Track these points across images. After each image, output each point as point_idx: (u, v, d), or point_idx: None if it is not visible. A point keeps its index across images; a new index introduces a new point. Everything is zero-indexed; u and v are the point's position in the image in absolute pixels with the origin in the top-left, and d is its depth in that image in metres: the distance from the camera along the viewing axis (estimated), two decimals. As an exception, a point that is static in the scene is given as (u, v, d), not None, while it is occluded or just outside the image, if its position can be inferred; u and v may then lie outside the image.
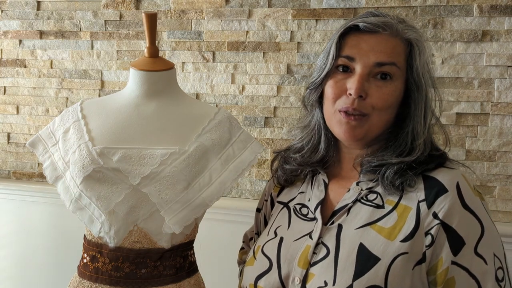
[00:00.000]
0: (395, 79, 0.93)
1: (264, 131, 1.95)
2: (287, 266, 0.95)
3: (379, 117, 0.94)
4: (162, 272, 1.14)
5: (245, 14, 1.92)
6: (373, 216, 0.92)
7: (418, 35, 0.97)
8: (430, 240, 0.87)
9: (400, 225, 0.89)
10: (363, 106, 0.93)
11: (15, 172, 2.26)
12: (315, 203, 1.00)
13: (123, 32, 2.07)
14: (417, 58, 0.94)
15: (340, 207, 0.96)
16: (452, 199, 0.88)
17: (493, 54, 1.70)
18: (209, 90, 1.99)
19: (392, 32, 0.94)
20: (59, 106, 2.17)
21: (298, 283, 0.92)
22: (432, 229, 0.87)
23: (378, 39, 0.93)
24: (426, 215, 0.88)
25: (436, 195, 0.89)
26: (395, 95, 0.94)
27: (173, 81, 1.23)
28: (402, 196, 0.92)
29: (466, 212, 0.88)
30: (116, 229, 1.11)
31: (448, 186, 0.89)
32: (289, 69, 1.90)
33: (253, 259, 1.03)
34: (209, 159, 1.15)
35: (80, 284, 1.16)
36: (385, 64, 0.92)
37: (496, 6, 1.69)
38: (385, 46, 0.93)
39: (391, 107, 0.95)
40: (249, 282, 1.01)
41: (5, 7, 2.19)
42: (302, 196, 1.06)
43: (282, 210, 1.08)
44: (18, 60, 2.20)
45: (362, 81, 0.92)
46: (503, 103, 1.71)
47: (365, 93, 0.92)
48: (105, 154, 1.11)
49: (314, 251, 0.93)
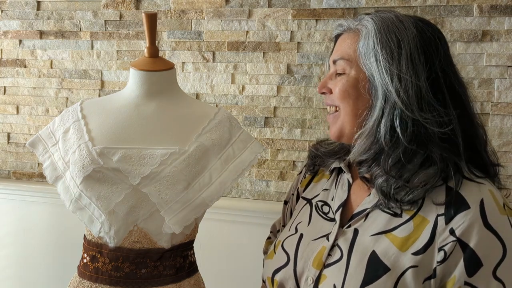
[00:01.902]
0: (349, 71, 0.95)
1: (264, 131, 1.95)
2: (302, 265, 0.96)
3: (343, 110, 0.96)
4: (162, 272, 1.14)
5: (245, 14, 1.92)
6: (389, 224, 0.90)
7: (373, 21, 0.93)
8: (442, 256, 0.84)
9: (414, 237, 0.87)
10: (332, 99, 0.99)
11: (15, 172, 2.26)
12: (337, 204, 1.00)
13: (123, 32, 2.07)
14: (360, 44, 0.94)
15: (359, 211, 0.95)
16: (473, 217, 0.83)
17: (493, 54, 1.70)
18: (209, 90, 1.99)
19: (348, 30, 0.99)
20: (59, 106, 2.17)
21: (311, 283, 0.93)
22: (447, 245, 0.83)
23: (340, 40, 1.00)
24: (442, 230, 0.85)
25: (456, 211, 0.85)
26: (348, 85, 0.95)
27: (173, 81, 1.24)
28: (422, 206, 0.88)
29: (488, 231, 0.83)
30: (116, 229, 1.11)
31: (471, 202, 0.85)
32: (289, 69, 1.90)
33: (273, 253, 1.05)
34: (209, 159, 1.15)
35: (80, 284, 1.16)
36: (335, 60, 0.98)
37: (496, 6, 1.69)
38: (340, 44, 0.99)
39: (350, 98, 0.95)
40: (267, 275, 1.04)
41: (5, 7, 2.19)
42: (325, 193, 1.07)
43: (305, 206, 1.10)
44: (18, 60, 2.20)
45: (325, 79, 1.00)
46: (503, 103, 1.71)
47: (328, 89, 0.99)
48: (105, 154, 1.11)
49: (329, 253, 0.93)
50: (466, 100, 0.94)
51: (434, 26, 0.95)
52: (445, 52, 0.93)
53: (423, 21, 0.95)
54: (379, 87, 0.90)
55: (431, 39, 0.92)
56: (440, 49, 0.92)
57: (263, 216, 1.84)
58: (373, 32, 0.92)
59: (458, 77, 0.94)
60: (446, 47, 0.95)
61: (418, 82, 0.88)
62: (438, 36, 0.93)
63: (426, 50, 0.91)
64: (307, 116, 1.90)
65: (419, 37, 0.91)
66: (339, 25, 1.01)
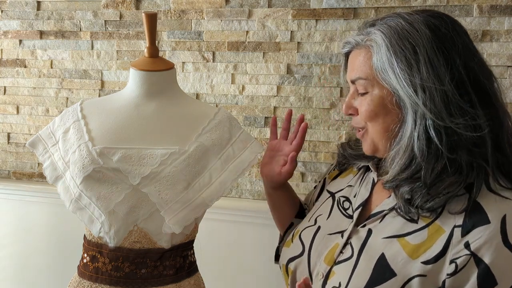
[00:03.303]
0: (371, 90, 0.91)
1: (264, 131, 1.95)
2: (315, 258, 0.97)
3: (373, 128, 0.93)
4: (162, 272, 1.14)
5: (245, 14, 1.92)
6: (404, 229, 0.88)
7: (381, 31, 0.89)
8: (453, 269, 0.80)
9: (427, 246, 0.84)
10: (357, 122, 0.96)
11: (15, 172, 2.26)
12: (358, 202, 0.99)
13: (123, 32, 2.07)
14: (373, 61, 0.89)
15: (376, 211, 0.94)
16: (492, 233, 0.79)
17: (493, 54, 1.70)
18: (209, 90, 1.99)
19: (357, 46, 0.94)
20: (59, 106, 2.17)
21: (321, 278, 0.93)
22: (459, 258, 0.80)
23: (351, 58, 0.95)
24: (457, 242, 0.81)
25: (475, 224, 0.81)
26: (374, 104, 0.90)
27: (173, 81, 1.23)
28: (440, 215, 0.85)
29: (507, 250, 0.78)
30: (116, 229, 1.11)
31: (492, 218, 0.80)
32: (289, 69, 1.90)
33: (290, 242, 1.06)
34: (209, 159, 1.15)
35: (80, 284, 1.16)
36: (354, 81, 0.94)
37: (496, 6, 1.69)
38: (353, 62, 0.94)
39: (379, 116, 0.91)
40: (282, 262, 1.05)
41: (5, 7, 2.19)
42: (349, 189, 1.06)
43: (327, 199, 1.09)
44: (18, 60, 2.20)
45: (348, 100, 0.96)
46: (503, 103, 1.71)
47: (354, 110, 0.95)
48: (105, 154, 1.11)
49: (341, 251, 0.93)
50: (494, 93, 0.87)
51: (446, 19, 0.89)
52: (464, 45, 0.87)
53: (434, 16, 0.88)
54: (405, 99, 0.85)
55: (447, 35, 0.86)
56: (458, 43, 0.86)
57: (263, 216, 1.84)
58: (384, 45, 0.87)
59: (482, 68, 0.88)
60: (464, 37, 0.88)
61: (443, 87, 0.83)
62: (452, 28, 0.87)
63: (444, 49, 0.85)
64: (307, 116, 1.90)
65: (434, 37, 0.85)
66: (346, 43, 0.96)
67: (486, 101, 0.86)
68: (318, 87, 1.88)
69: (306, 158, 1.94)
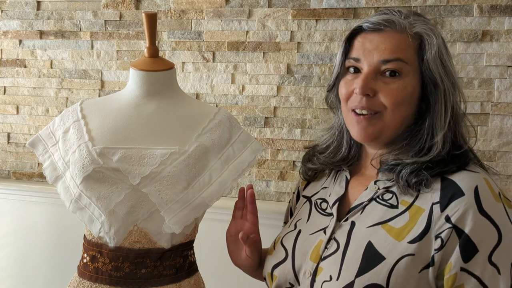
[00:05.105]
0: (405, 75, 0.92)
1: (264, 131, 1.95)
2: (300, 259, 0.98)
3: (392, 115, 0.93)
4: (162, 272, 1.14)
5: (245, 14, 1.92)
6: (386, 215, 0.91)
7: (428, 27, 0.94)
8: (439, 243, 0.84)
9: (410, 226, 0.87)
10: (373, 104, 0.93)
11: (15, 172, 2.26)
12: (334, 198, 1.01)
13: (123, 32, 2.07)
14: (427, 51, 0.92)
15: (356, 204, 0.96)
16: (468, 203, 0.84)
17: (493, 54, 1.70)
18: (209, 90, 1.99)
19: (396, 28, 0.94)
20: (59, 106, 2.17)
21: (308, 276, 0.94)
22: (443, 232, 0.84)
23: (382, 37, 0.94)
24: (438, 217, 0.85)
25: (451, 198, 0.86)
26: (406, 91, 0.92)
27: (173, 81, 1.24)
28: (418, 197, 0.89)
29: (483, 217, 0.84)
30: (116, 229, 1.11)
31: (465, 189, 0.86)
32: (289, 69, 1.90)
33: (273, 249, 1.07)
34: (209, 159, 1.15)
35: (80, 284, 1.16)
36: (389, 61, 0.92)
37: (496, 6, 1.69)
38: (389, 43, 0.93)
39: (404, 104, 0.92)
40: (267, 271, 1.05)
41: (5, 7, 2.19)
42: (324, 191, 1.08)
43: (305, 204, 1.11)
44: (18, 60, 2.20)
45: (366, 79, 0.93)
46: (503, 103, 1.71)
47: (372, 91, 0.93)
48: (105, 154, 1.11)
49: (326, 246, 0.95)
50: None
51: None
52: None
53: None
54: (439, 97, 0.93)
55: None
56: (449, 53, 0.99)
57: (263, 216, 1.82)
58: (440, 39, 0.94)
59: None
60: None
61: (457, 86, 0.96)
62: None
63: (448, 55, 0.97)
64: (307, 116, 1.90)
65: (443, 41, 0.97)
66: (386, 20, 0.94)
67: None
68: (318, 87, 1.88)
69: (306, 158, 1.94)
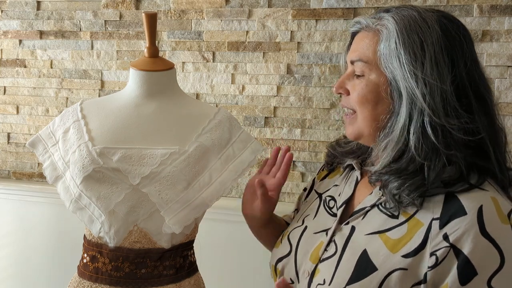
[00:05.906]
0: (368, 74, 0.91)
1: (264, 131, 1.95)
2: (302, 257, 0.98)
3: (361, 114, 0.93)
4: (162, 272, 1.14)
5: (245, 14, 1.92)
6: (385, 225, 0.89)
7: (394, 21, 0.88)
8: (434, 261, 0.81)
9: (406, 240, 0.85)
10: (347, 103, 0.95)
11: (15, 172, 2.26)
12: (342, 200, 1.00)
13: (123, 32, 2.07)
14: (380, 46, 0.89)
15: (359, 208, 0.95)
16: (469, 224, 0.80)
17: (493, 54, 1.70)
18: (209, 90, 1.99)
19: (365, 28, 0.93)
20: (59, 106, 2.17)
21: (306, 276, 0.94)
22: (439, 250, 0.81)
23: (357, 39, 0.95)
24: (436, 234, 0.82)
25: (451, 216, 0.82)
26: (368, 90, 0.90)
27: (173, 81, 1.23)
28: (419, 210, 0.86)
29: (484, 239, 0.79)
30: (116, 229, 1.11)
31: (468, 209, 0.81)
32: (289, 69, 1.90)
33: (279, 243, 1.06)
34: (209, 159, 1.15)
35: (80, 284, 1.16)
36: (353, 61, 0.93)
37: (496, 6, 1.69)
38: (357, 44, 0.94)
39: (370, 103, 0.91)
40: (272, 263, 1.06)
41: (5, 7, 2.19)
42: (335, 189, 1.07)
43: (315, 200, 1.10)
44: (18, 60, 2.20)
45: (342, 79, 0.95)
46: (503, 103, 1.71)
47: (345, 90, 0.95)
48: (105, 154, 1.11)
49: (326, 248, 0.94)
50: (491, 103, 0.90)
51: (458, 23, 0.89)
52: (471, 52, 0.88)
53: (447, 17, 0.89)
54: (404, 91, 0.86)
55: (456, 38, 0.87)
56: (466, 49, 0.87)
57: (263, 216, 1.84)
58: (394, 33, 0.86)
59: (483, 78, 0.90)
60: (471, 46, 0.89)
61: (444, 86, 0.84)
62: (463, 34, 0.87)
63: (451, 51, 0.86)
64: (307, 116, 1.90)
65: (443, 37, 0.86)
66: (356, 22, 0.95)
67: (484, 110, 0.88)
68: (318, 87, 1.88)
69: (306, 158, 1.94)
